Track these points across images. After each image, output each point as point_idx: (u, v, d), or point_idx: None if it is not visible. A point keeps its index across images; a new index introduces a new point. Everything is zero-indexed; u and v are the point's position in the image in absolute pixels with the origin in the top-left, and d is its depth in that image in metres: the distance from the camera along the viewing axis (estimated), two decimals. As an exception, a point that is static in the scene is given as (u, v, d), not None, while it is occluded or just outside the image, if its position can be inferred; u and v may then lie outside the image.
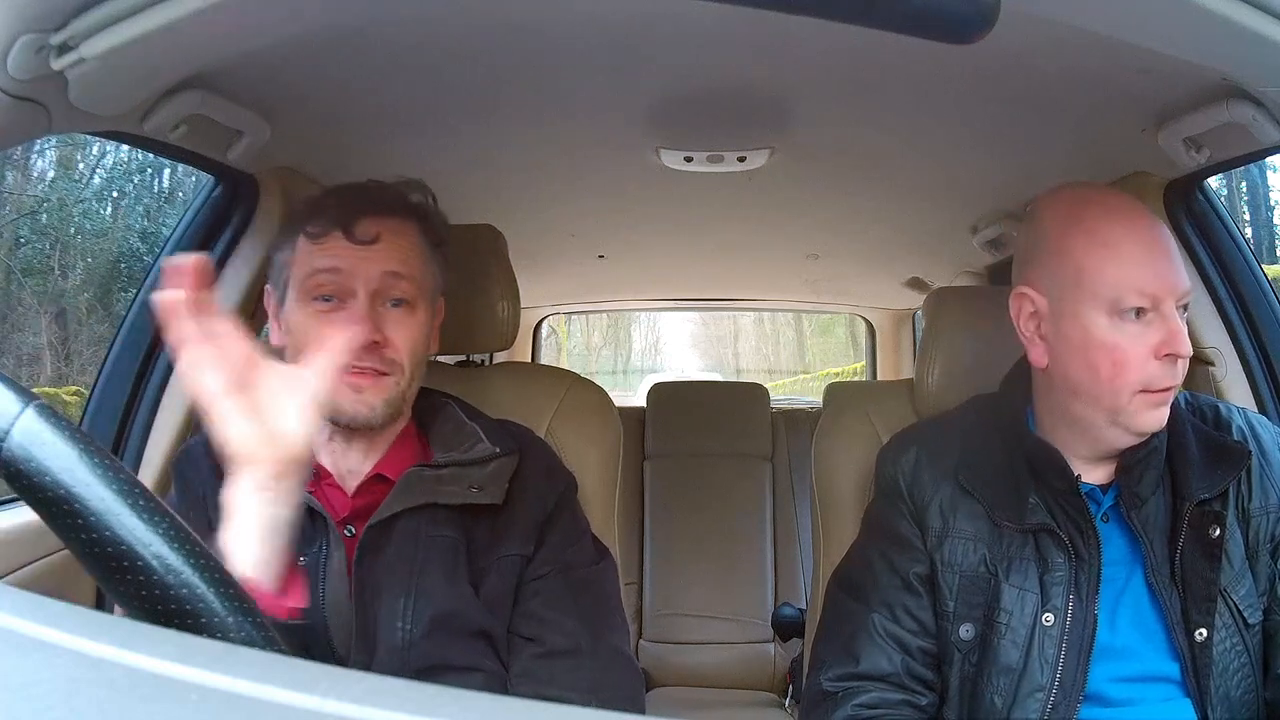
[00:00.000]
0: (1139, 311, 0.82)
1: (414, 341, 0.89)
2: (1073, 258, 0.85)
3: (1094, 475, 0.89)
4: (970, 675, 0.87)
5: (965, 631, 0.87)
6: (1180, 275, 0.83)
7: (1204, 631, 0.82)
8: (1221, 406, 0.93)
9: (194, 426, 1.20)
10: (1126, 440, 0.86)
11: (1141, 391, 0.83)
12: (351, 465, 0.90)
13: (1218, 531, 0.84)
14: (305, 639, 0.72)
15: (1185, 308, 0.84)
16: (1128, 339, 0.82)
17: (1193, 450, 0.87)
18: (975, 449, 0.93)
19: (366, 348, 0.84)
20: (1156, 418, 0.84)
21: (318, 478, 0.88)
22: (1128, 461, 0.86)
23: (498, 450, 0.91)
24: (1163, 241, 0.84)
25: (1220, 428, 0.91)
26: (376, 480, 0.88)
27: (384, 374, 0.87)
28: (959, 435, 0.95)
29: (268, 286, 0.93)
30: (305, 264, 0.87)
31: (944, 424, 0.99)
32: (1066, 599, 0.84)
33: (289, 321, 0.88)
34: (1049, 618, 0.84)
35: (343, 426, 0.88)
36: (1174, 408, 0.89)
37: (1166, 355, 0.81)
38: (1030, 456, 0.88)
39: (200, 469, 0.89)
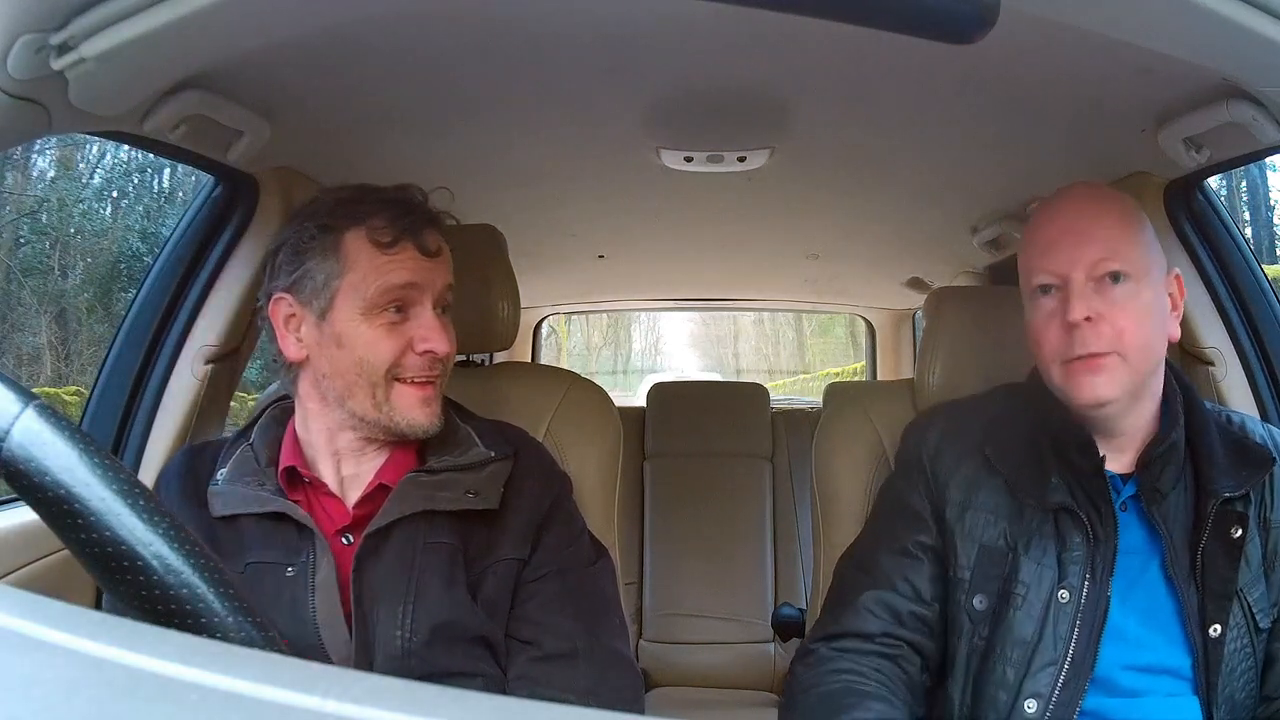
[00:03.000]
0: (1047, 288, 0.88)
1: (455, 345, 0.92)
2: (1021, 249, 0.93)
3: (1116, 463, 0.90)
4: (979, 648, 0.88)
5: (979, 602, 0.88)
6: (1088, 249, 0.85)
7: (1218, 628, 0.83)
8: (1234, 415, 0.95)
9: (194, 428, 1.20)
10: (1084, 414, 0.88)
11: (1064, 363, 0.87)
12: (359, 473, 0.89)
13: (1240, 531, 0.85)
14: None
15: (1116, 277, 0.85)
16: (1040, 315, 0.88)
17: (1215, 447, 0.88)
18: (1002, 427, 0.94)
19: (438, 358, 0.87)
20: (1085, 385, 0.86)
21: (310, 490, 0.88)
22: (1148, 456, 0.88)
23: (492, 454, 0.92)
24: (1082, 220, 0.87)
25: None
26: (379, 489, 0.88)
27: (439, 379, 0.90)
28: (986, 414, 0.97)
29: (283, 295, 0.87)
30: (377, 275, 0.85)
31: (971, 404, 1.01)
32: (1082, 578, 0.86)
33: (345, 334, 0.85)
34: (1064, 594, 0.86)
35: (394, 439, 0.89)
36: (1196, 405, 0.91)
37: (1067, 323, 0.85)
38: (1056, 434, 0.90)
39: (170, 492, 0.89)
